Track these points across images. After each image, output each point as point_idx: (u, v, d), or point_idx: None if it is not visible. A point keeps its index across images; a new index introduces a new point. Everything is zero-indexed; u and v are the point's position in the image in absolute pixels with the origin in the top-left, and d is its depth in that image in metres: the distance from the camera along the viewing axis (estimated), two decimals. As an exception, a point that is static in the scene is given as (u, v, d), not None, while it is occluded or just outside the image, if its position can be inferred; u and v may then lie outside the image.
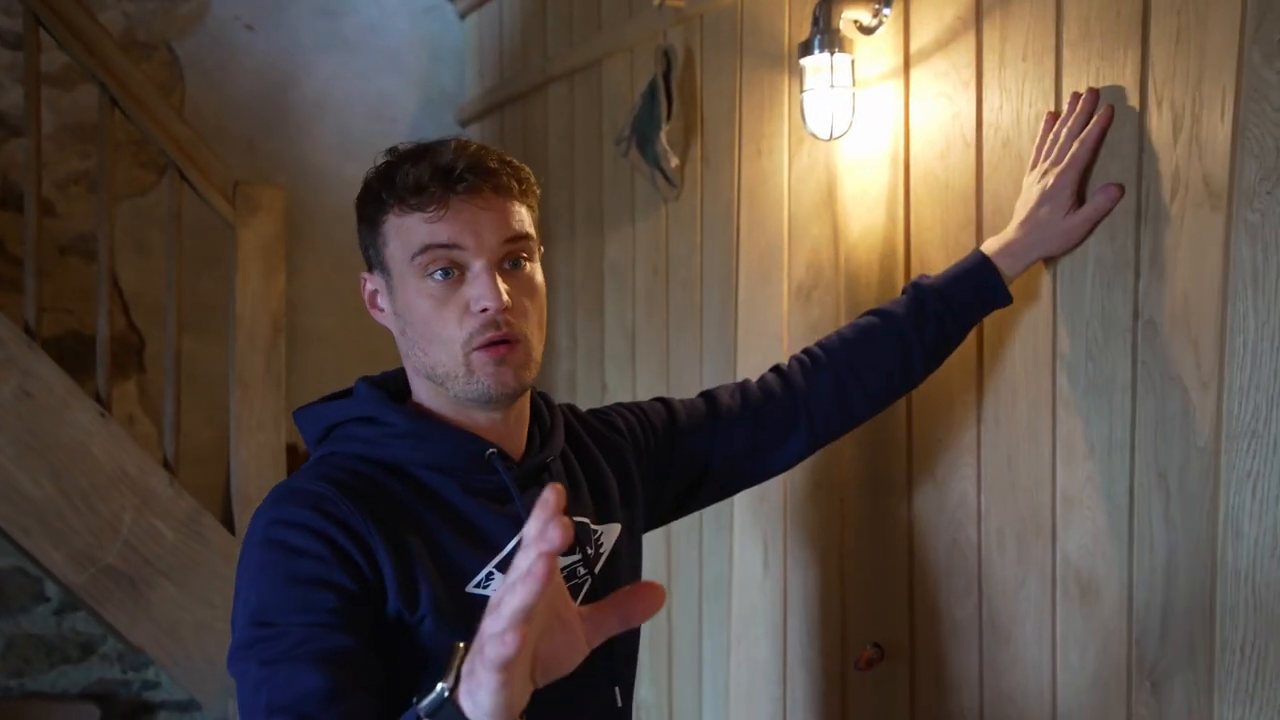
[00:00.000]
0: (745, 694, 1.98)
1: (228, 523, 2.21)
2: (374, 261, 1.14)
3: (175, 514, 2.10)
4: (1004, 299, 1.37)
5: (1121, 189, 1.25)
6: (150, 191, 3.07)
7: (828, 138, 1.65)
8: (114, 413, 2.41)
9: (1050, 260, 1.36)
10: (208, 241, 2.88)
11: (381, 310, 1.16)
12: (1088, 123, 1.29)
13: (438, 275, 1.07)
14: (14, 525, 2.04)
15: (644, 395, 2.30)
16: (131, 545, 2.05)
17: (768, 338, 1.92)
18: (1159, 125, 1.23)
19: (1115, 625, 1.28)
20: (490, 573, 1.10)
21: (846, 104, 1.63)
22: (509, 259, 1.10)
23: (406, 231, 1.08)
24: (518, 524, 1.11)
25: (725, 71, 2.03)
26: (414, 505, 1.10)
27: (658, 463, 1.36)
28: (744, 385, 1.44)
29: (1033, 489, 1.41)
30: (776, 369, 1.46)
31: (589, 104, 2.61)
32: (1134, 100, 1.26)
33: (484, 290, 1.07)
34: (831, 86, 1.61)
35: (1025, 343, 1.41)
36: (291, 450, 3.16)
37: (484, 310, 1.07)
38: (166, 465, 2.19)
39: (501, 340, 1.08)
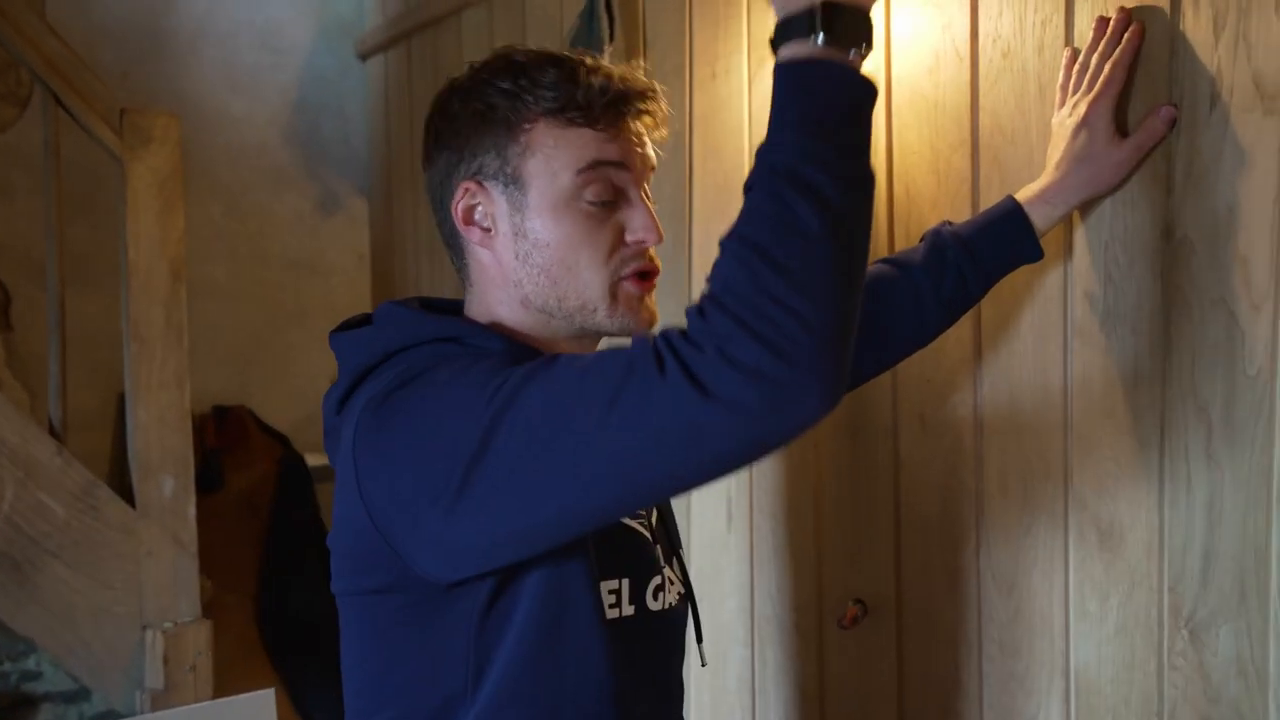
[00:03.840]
0: (710, 656, 1.86)
1: (123, 495, 1.97)
2: (493, 170, 0.99)
3: (65, 487, 1.84)
4: (1034, 253, 1.23)
5: (1175, 109, 1.14)
6: (11, 128, 2.74)
7: (804, 51, 1.50)
8: (-20, 375, 2.13)
9: (1093, 203, 1.23)
10: (83, 181, 2.58)
11: (487, 230, 1.01)
12: (1118, 45, 1.17)
13: (597, 198, 0.98)
14: None
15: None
16: (14, 524, 1.79)
17: (727, 276, 1.78)
18: (1195, 23, 1.11)
19: (1144, 571, 1.19)
20: None
21: (825, 14, 1.48)
22: (646, 190, 1.03)
23: (571, 143, 0.97)
24: None
25: (675, -15, 1.87)
26: None
27: None
28: None
29: (1040, 428, 1.31)
30: None
31: (511, 31, 2.41)
32: (1163, -1, 1.14)
33: (647, 221, 1.00)
34: (809, -6, 1.46)
35: (1030, 271, 1.29)
36: (219, 412, 2.91)
37: (642, 241, 1.00)
38: (53, 432, 1.93)
39: (648, 272, 1.01)
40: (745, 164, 1.72)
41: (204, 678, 1.91)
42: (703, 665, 1.22)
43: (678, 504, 1.91)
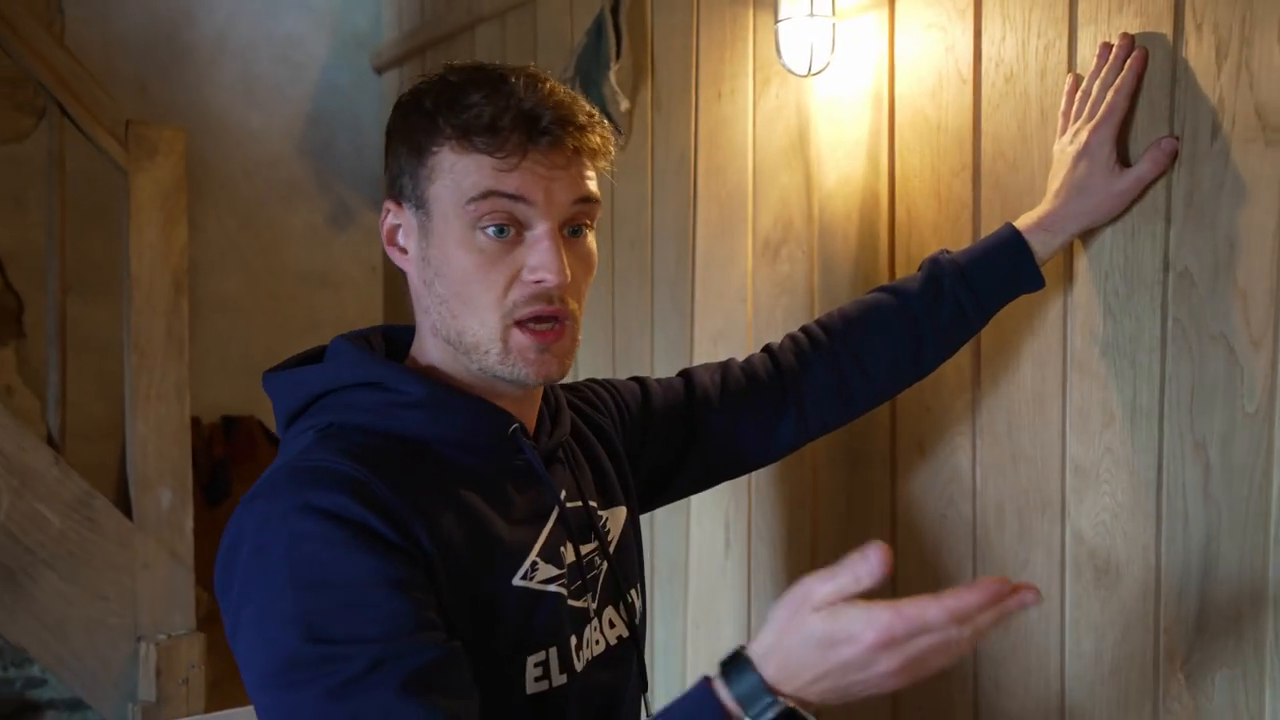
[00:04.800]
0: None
1: (124, 506, 1.97)
2: (406, 193, 0.96)
3: (61, 497, 1.84)
4: (1034, 282, 1.20)
5: (1177, 140, 1.11)
6: (28, 138, 2.76)
7: (806, 73, 1.48)
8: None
9: (1092, 232, 1.20)
10: (97, 193, 2.59)
11: (404, 252, 0.98)
12: (1120, 71, 1.15)
13: (491, 230, 0.92)
14: None
15: (586, 366, 2.13)
16: (10, 533, 1.79)
17: (729, 299, 1.76)
18: (1199, 51, 1.09)
19: (1139, 611, 1.16)
20: (534, 563, 0.97)
21: (827, 35, 1.47)
22: (571, 224, 0.95)
23: (466, 171, 0.91)
24: (542, 508, 1.00)
25: (681, 4, 1.85)
26: (446, 486, 0.94)
27: (631, 447, 1.20)
28: (726, 365, 1.28)
29: (1038, 460, 1.28)
30: (767, 348, 1.29)
31: (522, 47, 2.41)
32: (1166, 25, 1.12)
33: (546, 259, 0.91)
34: (811, 15, 1.45)
35: (1032, 298, 1.26)
36: (193, 424, 2.91)
37: (539, 282, 0.92)
38: (51, 442, 1.93)
39: (551, 317, 0.94)
40: (749, 183, 1.70)
41: (196, 691, 1.90)
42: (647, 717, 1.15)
43: (676, 527, 1.88)
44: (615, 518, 1.12)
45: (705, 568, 1.83)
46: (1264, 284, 1.03)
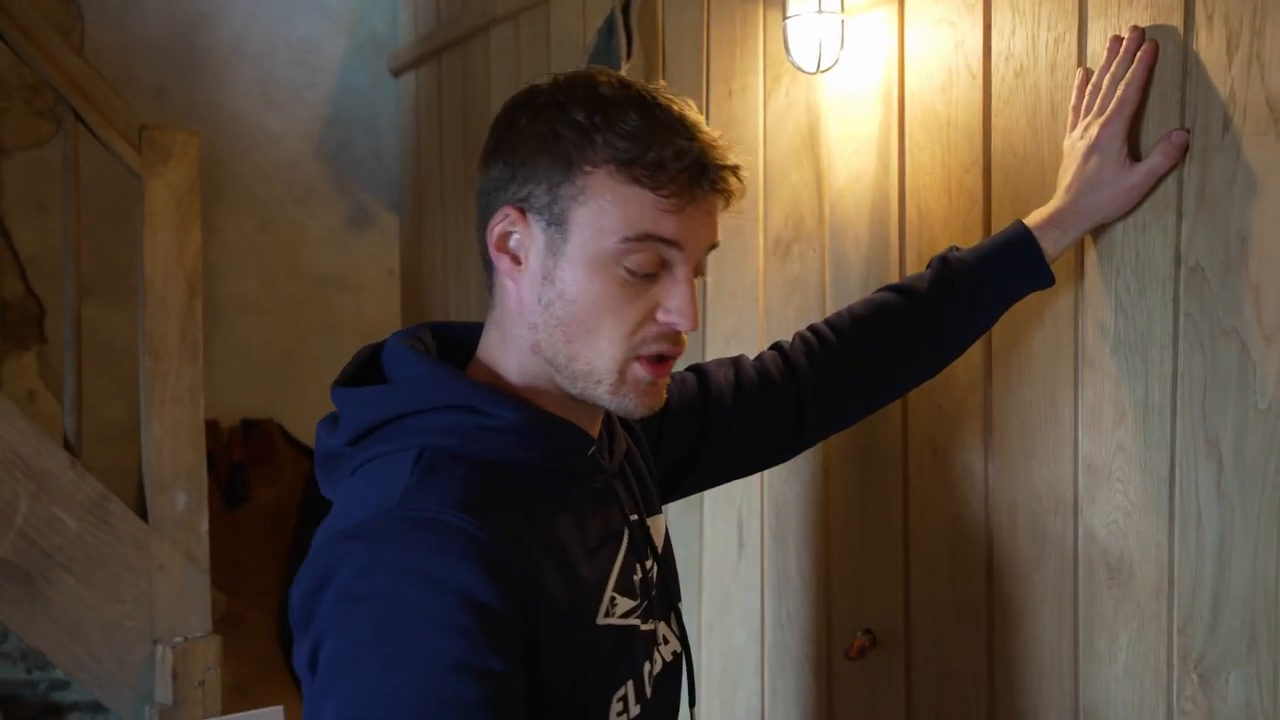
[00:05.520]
0: (719, 686, 1.82)
1: (142, 509, 1.99)
2: (541, 204, 0.89)
3: (78, 500, 1.86)
4: (1044, 279, 1.18)
5: (1188, 133, 1.09)
6: (49, 143, 2.79)
7: (814, 70, 1.47)
8: (10, 387, 2.16)
9: (1104, 228, 1.19)
10: (116, 197, 2.61)
11: (518, 263, 0.92)
12: (1130, 65, 1.13)
13: (636, 268, 0.89)
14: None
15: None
16: (27, 537, 1.81)
17: (741, 298, 1.75)
18: (1209, 43, 1.07)
19: (1153, 610, 1.14)
20: (613, 598, 0.94)
21: (835, 31, 1.46)
22: (698, 265, 0.93)
23: (627, 204, 0.87)
24: (612, 532, 0.97)
25: (692, 2, 1.85)
26: (541, 522, 0.90)
27: (650, 445, 1.18)
28: (739, 363, 1.25)
29: (1051, 459, 1.27)
30: (778, 347, 1.27)
31: (536, 48, 2.41)
32: (1176, 17, 1.10)
33: (684, 305, 0.90)
34: (819, 11, 1.44)
35: (1043, 295, 1.25)
36: (212, 427, 2.93)
37: (672, 325, 0.91)
38: (68, 445, 1.95)
39: (670, 356, 0.93)
40: (760, 181, 1.70)
41: (213, 693, 1.91)
42: None
43: (690, 527, 1.88)
44: (658, 526, 1.08)
45: (718, 568, 1.83)
46: (1276, 278, 1.01)
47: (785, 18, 1.47)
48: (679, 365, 1.08)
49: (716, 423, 1.22)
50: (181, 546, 1.95)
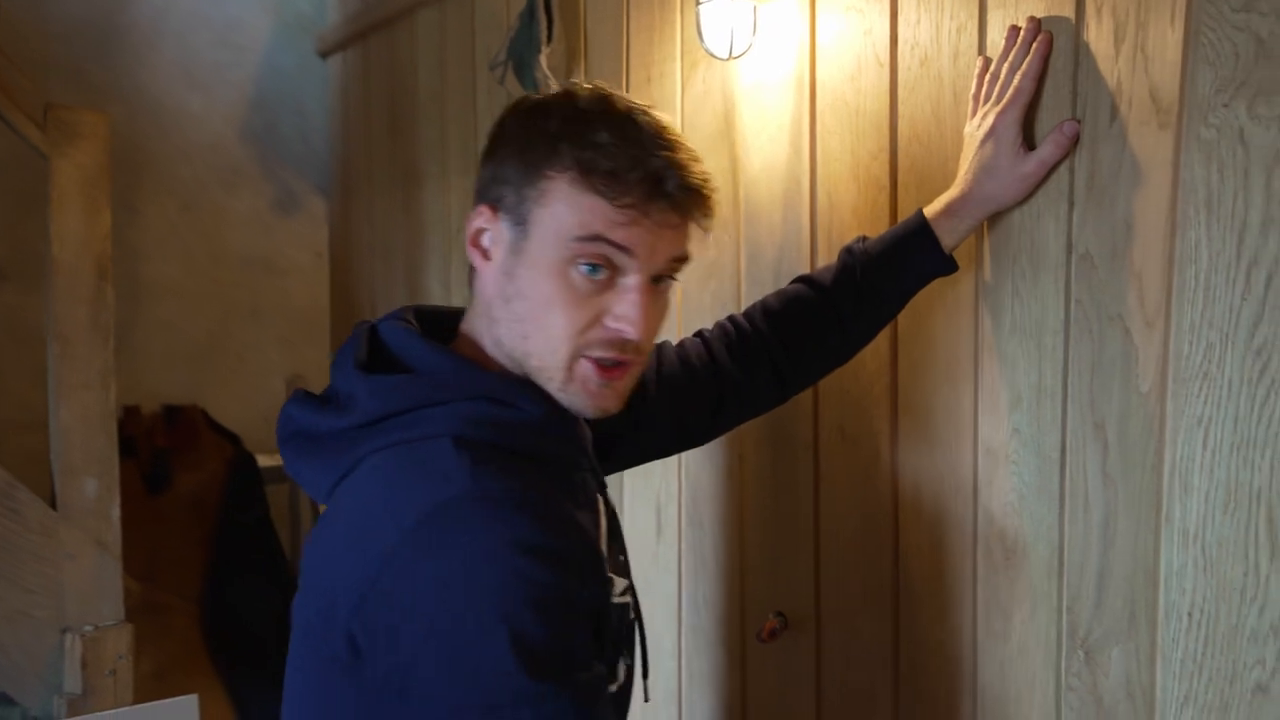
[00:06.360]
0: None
1: (53, 497, 1.94)
2: (507, 205, 0.94)
3: (-16, 488, 1.82)
4: (944, 267, 1.21)
5: (1079, 123, 1.11)
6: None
7: (726, 56, 1.48)
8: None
9: (1001, 215, 1.21)
10: (31, 179, 2.55)
11: (487, 258, 0.97)
12: (1027, 55, 1.15)
13: (586, 269, 0.91)
14: None
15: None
16: (-73, 525, 1.77)
17: (659, 282, 1.76)
18: (1098, 35, 1.09)
19: (1044, 590, 1.17)
20: (611, 579, 0.98)
21: (747, 19, 1.46)
22: (660, 275, 0.95)
23: (581, 209, 0.90)
24: (598, 517, 1.01)
25: (611, -12, 1.84)
26: (573, 510, 0.94)
27: None
28: (661, 350, 1.28)
29: (952, 442, 1.29)
30: (700, 335, 1.31)
31: (461, 30, 2.39)
32: (1069, 8, 1.12)
33: (632, 312, 0.92)
34: (731, -2, 1.44)
35: (945, 282, 1.27)
36: (133, 412, 2.87)
37: (618, 331, 0.93)
38: (-26, 431, 1.90)
39: (621, 363, 0.95)
40: (676, 169, 1.70)
41: (125, 682, 1.88)
42: (645, 701, 1.15)
43: (609, 512, 1.88)
44: (608, 504, 1.10)
45: (638, 553, 1.83)
46: (1157, 265, 1.04)
47: (699, 3, 1.48)
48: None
49: (639, 410, 1.23)
50: (92, 534, 1.91)
